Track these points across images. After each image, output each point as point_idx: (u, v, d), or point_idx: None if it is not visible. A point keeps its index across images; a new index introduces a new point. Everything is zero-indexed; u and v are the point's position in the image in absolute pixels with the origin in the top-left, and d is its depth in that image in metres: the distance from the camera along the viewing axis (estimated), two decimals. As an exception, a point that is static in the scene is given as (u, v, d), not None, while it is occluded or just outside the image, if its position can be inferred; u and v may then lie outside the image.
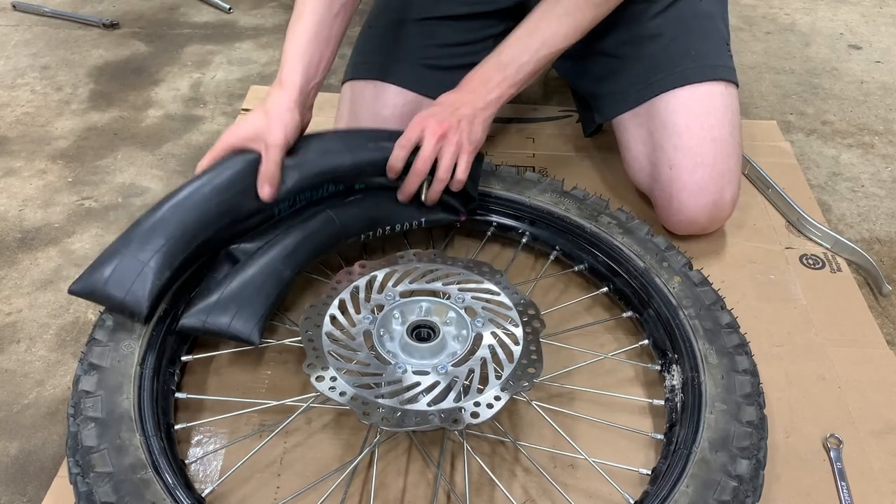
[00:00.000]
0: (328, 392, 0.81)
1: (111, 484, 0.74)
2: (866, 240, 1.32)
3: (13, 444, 0.95)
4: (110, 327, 0.88)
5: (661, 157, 1.15)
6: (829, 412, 0.96)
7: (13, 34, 1.92)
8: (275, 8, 2.11)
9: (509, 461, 0.89)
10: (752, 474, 0.78)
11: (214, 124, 1.58)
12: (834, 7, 2.18)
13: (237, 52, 1.88)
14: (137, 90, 1.71)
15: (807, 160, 1.52)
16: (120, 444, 0.77)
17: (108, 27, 1.96)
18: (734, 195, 1.16)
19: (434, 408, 0.80)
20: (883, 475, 0.89)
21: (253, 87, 1.64)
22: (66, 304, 1.15)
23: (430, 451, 0.89)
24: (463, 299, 0.94)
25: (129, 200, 1.37)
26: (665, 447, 0.86)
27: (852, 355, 1.04)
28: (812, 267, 1.19)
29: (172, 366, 0.92)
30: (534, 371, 0.85)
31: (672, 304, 0.97)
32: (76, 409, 0.81)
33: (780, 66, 1.87)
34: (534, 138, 1.47)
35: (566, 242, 1.12)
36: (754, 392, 0.86)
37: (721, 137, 1.12)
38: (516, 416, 0.94)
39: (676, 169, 1.13)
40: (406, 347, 0.88)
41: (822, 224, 1.25)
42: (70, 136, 1.54)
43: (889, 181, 1.47)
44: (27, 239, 1.27)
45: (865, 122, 1.65)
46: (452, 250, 1.18)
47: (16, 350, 1.07)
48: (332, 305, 0.92)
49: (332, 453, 0.89)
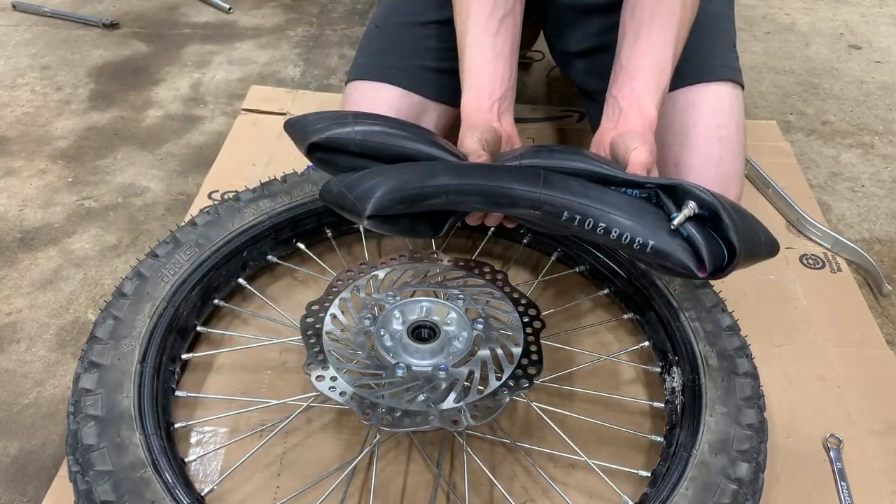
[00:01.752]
0: (328, 392, 0.81)
1: (111, 482, 0.74)
2: (866, 240, 1.32)
3: (13, 444, 0.95)
4: (111, 325, 0.88)
5: (667, 156, 1.14)
6: (829, 412, 0.96)
7: (13, 34, 1.92)
8: (275, 8, 2.11)
9: (509, 462, 0.89)
10: (752, 477, 0.78)
11: (214, 124, 1.58)
12: (834, 7, 2.17)
13: (237, 52, 1.87)
14: (137, 90, 1.70)
15: (807, 160, 1.52)
16: (120, 442, 0.77)
17: (108, 27, 1.95)
18: (738, 195, 1.16)
19: (434, 408, 0.80)
20: (883, 475, 0.90)
21: (253, 87, 1.64)
22: (66, 304, 1.15)
23: (429, 451, 0.89)
24: (464, 300, 0.93)
25: (129, 200, 1.37)
26: (665, 449, 0.86)
27: (852, 355, 1.04)
28: (812, 267, 1.19)
29: (173, 364, 0.92)
30: (534, 372, 0.85)
31: (673, 306, 0.97)
32: (76, 407, 0.81)
33: (780, 66, 1.87)
34: (534, 138, 1.47)
35: (567, 243, 1.12)
36: (755, 395, 0.86)
37: (728, 137, 1.12)
38: (516, 416, 0.94)
39: (682, 167, 1.13)
40: (406, 347, 0.88)
41: (822, 224, 1.25)
42: (70, 136, 1.54)
43: (889, 181, 1.47)
44: (27, 239, 1.27)
45: (865, 122, 1.65)
46: (453, 250, 1.18)
47: (16, 350, 1.07)
48: (333, 304, 0.92)
49: (332, 453, 0.89)
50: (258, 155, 1.40)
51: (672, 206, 0.79)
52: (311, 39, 1.95)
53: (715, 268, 0.76)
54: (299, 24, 2.03)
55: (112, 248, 1.26)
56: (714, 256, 0.76)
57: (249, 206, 1.07)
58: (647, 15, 0.99)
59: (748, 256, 0.77)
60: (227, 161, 1.40)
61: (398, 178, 0.79)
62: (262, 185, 1.11)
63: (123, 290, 0.93)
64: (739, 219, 0.77)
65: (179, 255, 0.98)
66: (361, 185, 0.78)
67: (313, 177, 1.12)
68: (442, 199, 0.79)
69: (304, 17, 2.06)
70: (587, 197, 0.79)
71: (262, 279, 1.12)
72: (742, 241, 0.75)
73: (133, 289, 0.93)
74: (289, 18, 2.05)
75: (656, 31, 0.98)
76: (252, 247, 1.06)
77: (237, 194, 1.09)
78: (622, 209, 0.79)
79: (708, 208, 0.77)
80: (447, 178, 0.79)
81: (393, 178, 0.79)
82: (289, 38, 1.95)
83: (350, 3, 2.14)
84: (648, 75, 0.96)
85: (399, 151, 0.85)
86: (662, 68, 0.97)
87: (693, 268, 0.76)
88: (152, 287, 0.94)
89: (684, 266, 0.77)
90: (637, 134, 0.91)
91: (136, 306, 0.91)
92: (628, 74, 0.97)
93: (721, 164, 1.12)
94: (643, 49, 0.98)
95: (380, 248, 1.20)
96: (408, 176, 0.79)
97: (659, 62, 0.97)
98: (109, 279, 1.18)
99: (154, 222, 1.31)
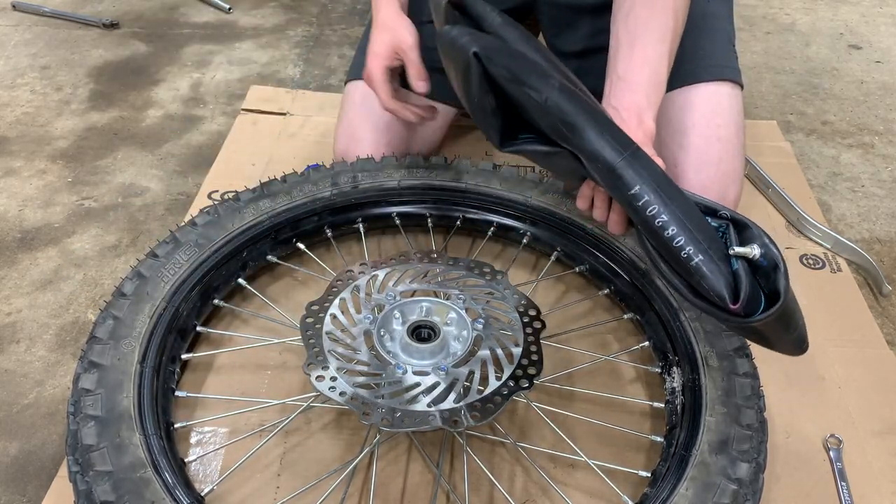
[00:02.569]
0: (328, 392, 0.81)
1: (111, 482, 0.74)
2: (866, 240, 1.32)
3: (13, 444, 0.95)
4: (111, 325, 0.88)
5: (665, 155, 1.14)
6: (829, 412, 0.96)
7: (13, 34, 1.92)
8: (275, 8, 2.11)
9: (509, 462, 0.89)
10: (752, 478, 0.78)
11: (214, 124, 1.58)
12: (834, 7, 2.17)
13: (237, 52, 1.87)
14: (137, 90, 1.70)
15: (807, 160, 1.52)
16: (119, 442, 0.77)
17: (108, 27, 1.95)
18: (737, 196, 1.16)
19: (434, 408, 0.80)
20: (883, 475, 0.89)
21: (253, 86, 1.64)
22: (66, 304, 1.15)
23: (429, 451, 0.89)
24: (464, 300, 0.93)
25: (129, 200, 1.37)
26: (665, 449, 0.86)
27: (852, 355, 1.04)
28: (812, 267, 1.19)
29: (172, 364, 0.92)
30: (534, 372, 0.85)
31: (673, 307, 0.97)
32: (76, 407, 0.81)
33: (780, 66, 1.87)
34: (534, 138, 1.47)
35: (567, 243, 1.12)
36: (754, 395, 0.86)
37: (727, 137, 1.12)
38: (516, 416, 0.94)
39: (681, 167, 1.12)
40: (406, 348, 0.88)
41: (822, 224, 1.25)
42: (70, 136, 1.54)
43: (889, 181, 1.47)
44: (27, 239, 1.27)
45: (865, 122, 1.65)
46: (453, 250, 1.18)
47: (16, 350, 1.07)
48: (333, 304, 0.92)
49: (332, 453, 0.89)
50: (258, 155, 1.40)
51: (735, 239, 0.78)
52: (311, 39, 1.95)
53: (746, 310, 0.75)
54: (299, 24, 2.03)
55: (112, 248, 1.26)
56: (751, 299, 0.75)
57: (249, 206, 1.07)
58: (642, 26, 0.99)
59: (782, 319, 0.76)
60: (227, 161, 1.40)
61: (519, 56, 0.83)
62: (262, 185, 1.11)
63: (123, 290, 0.93)
64: (791, 292, 0.75)
65: (179, 255, 0.98)
66: (484, 38, 0.83)
67: (313, 177, 1.12)
68: (536, 99, 0.80)
69: (304, 17, 2.06)
70: (666, 188, 0.79)
71: (262, 279, 1.12)
72: (788, 299, 0.74)
73: (133, 289, 0.93)
74: (289, 18, 2.05)
75: (652, 44, 0.99)
76: (252, 247, 1.06)
77: (237, 194, 1.09)
78: (689, 215, 0.79)
79: (770, 260, 0.76)
80: (555, 90, 0.79)
81: (514, 55, 0.83)
82: (289, 38, 1.95)
83: (350, 2, 2.14)
84: (647, 88, 0.97)
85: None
86: (659, 82, 0.98)
87: (727, 297, 0.75)
88: (152, 287, 0.94)
89: (719, 294, 0.75)
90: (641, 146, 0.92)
91: (135, 306, 0.91)
92: (627, 87, 0.97)
93: (720, 164, 1.12)
94: (640, 61, 0.98)
95: (380, 249, 1.20)
96: (526, 62, 0.82)
97: (656, 75, 0.98)
98: (109, 279, 1.18)
99: (154, 222, 1.31)
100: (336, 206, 1.12)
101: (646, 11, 0.99)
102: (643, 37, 0.99)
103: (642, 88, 0.97)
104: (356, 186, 1.13)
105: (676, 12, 1.00)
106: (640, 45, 0.99)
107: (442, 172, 1.17)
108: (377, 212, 1.16)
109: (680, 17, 1.02)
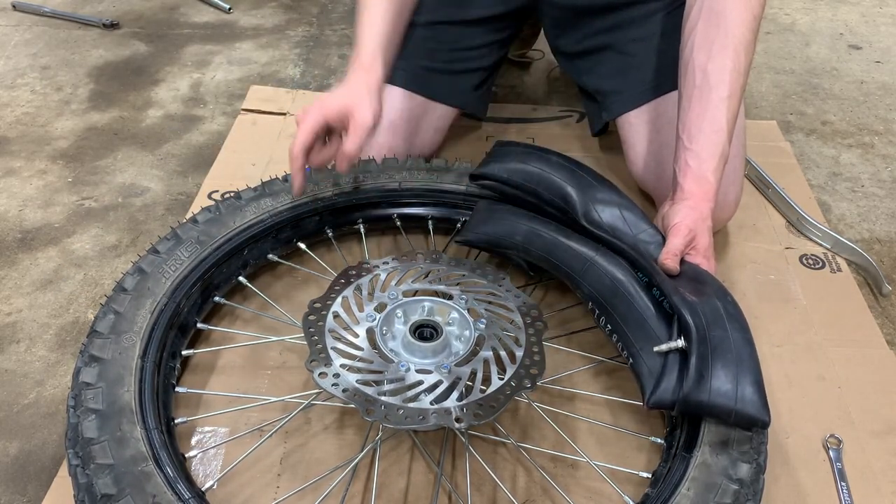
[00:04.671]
0: (331, 388, 0.80)
1: (112, 475, 0.73)
2: (866, 240, 1.32)
3: (13, 444, 0.95)
4: (112, 320, 0.88)
5: (667, 156, 1.14)
6: (829, 412, 0.96)
7: (13, 34, 1.92)
8: (275, 8, 2.11)
9: (510, 461, 0.89)
10: (753, 478, 0.78)
11: (214, 124, 1.58)
12: (834, 7, 2.18)
13: (237, 52, 1.87)
14: (137, 90, 1.70)
15: (807, 160, 1.52)
16: (121, 436, 0.77)
17: (108, 27, 1.95)
18: (737, 197, 1.16)
19: (436, 407, 0.80)
20: (883, 475, 0.90)
21: (253, 87, 1.64)
22: (66, 304, 1.15)
23: (431, 450, 0.89)
24: (466, 300, 0.93)
25: (129, 200, 1.36)
26: (666, 450, 0.86)
27: (852, 355, 1.04)
28: (812, 267, 1.19)
29: (173, 360, 0.92)
30: (536, 372, 0.85)
31: (674, 308, 0.97)
32: (77, 401, 0.81)
33: (780, 66, 1.88)
34: (534, 138, 1.47)
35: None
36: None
37: None
38: (518, 416, 0.94)
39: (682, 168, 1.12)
40: (409, 346, 0.88)
41: (822, 224, 1.25)
42: (70, 136, 1.53)
43: (889, 181, 1.47)
44: (27, 239, 1.27)
45: (865, 122, 1.65)
46: (453, 251, 1.18)
47: (16, 350, 1.07)
48: (336, 303, 0.92)
49: (334, 451, 0.89)
50: (258, 155, 1.40)
51: (676, 329, 0.85)
52: (311, 39, 1.95)
53: (657, 405, 0.83)
54: (299, 24, 2.03)
55: (112, 248, 1.26)
56: (666, 392, 0.82)
57: (251, 205, 1.07)
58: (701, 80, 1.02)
59: (688, 413, 0.82)
60: (227, 161, 1.40)
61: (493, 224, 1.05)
62: (264, 183, 1.11)
63: (124, 285, 0.93)
64: (722, 375, 0.79)
65: (180, 251, 0.98)
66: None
67: (314, 177, 1.12)
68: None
69: (304, 17, 2.06)
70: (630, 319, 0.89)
71: (263, 278, 1.12)
72: (683, 402, 0.80)
73: (134, 284, 0.93)
74: (289, 18, 2.05)
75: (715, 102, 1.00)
76: (253, 245, 1.06)
77: (238, 193, 1.09)
78: (640, 308, 0.89)
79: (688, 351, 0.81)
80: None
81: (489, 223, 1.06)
82: (289, 39, 1.95)
83: (350, 3, 2.14)
84: (705, 140, 1.00)
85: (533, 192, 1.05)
86: (717, 130, 1.00)
87: (645, 395, 0.84)
88: (153, 283, 0.94)
89: (641, 390, 0.85)
90: (685, 205, 0.97)
91: (136, 301, 0.91)
92: (682, 144, 1.02)
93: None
94: (697, 114, 1.01)
95: (380, 249, 1.20)
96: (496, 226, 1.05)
97: (715, 125, 1.00)
98: (109, 279, 1.18)
99: (154, 222, 1.31)
100: (337, 207, 1.12)
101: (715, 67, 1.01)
102: (705, 92, 1.01)
103: (698, 142, 1.01)
104: (357, 187, 1.13)
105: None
106: (697, 99, 1.01)
107: (443, 174, 1.17)
108: (378, 213, 1.16)
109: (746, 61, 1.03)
